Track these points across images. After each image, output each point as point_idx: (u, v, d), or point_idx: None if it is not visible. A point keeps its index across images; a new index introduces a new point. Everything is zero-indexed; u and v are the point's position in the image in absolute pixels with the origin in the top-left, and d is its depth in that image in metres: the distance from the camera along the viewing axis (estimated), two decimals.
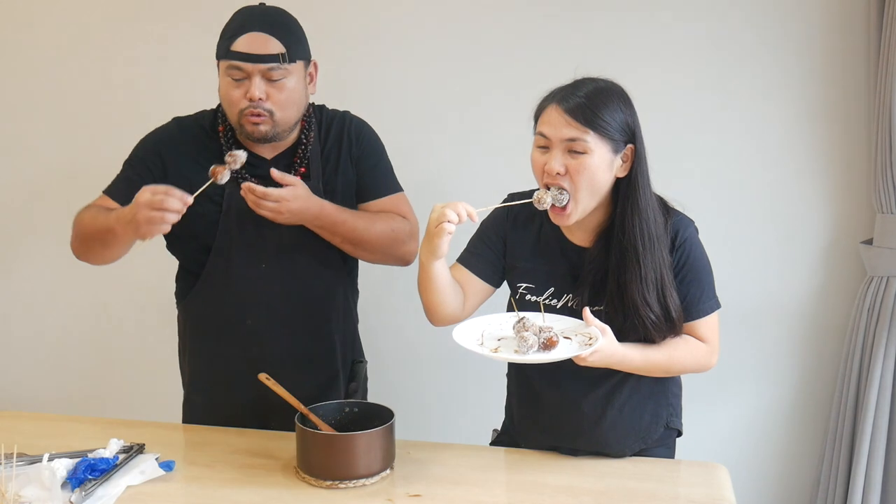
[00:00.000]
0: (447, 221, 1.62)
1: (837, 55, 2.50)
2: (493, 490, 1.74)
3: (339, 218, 1.97)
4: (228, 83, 1.91)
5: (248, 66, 1.87)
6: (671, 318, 1.73)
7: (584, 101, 1.68)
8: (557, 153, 1.69)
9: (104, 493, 1.66)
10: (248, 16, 1.92)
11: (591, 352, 1.62)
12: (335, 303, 2.10)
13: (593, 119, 1.66)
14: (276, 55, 1.88)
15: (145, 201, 1.73)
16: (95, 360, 3.05)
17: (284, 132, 1.96)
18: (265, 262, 2.00)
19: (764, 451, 2.73)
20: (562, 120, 1.68)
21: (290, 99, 1.92)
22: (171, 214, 1.73)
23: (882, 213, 2.44)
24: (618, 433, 1.83)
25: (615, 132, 1.68)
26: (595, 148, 1.67)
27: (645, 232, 1.71)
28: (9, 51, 2.93)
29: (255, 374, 1.95)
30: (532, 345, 1.63)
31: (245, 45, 1.87)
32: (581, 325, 1.70)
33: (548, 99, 1.73)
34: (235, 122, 1.94)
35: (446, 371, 2.82)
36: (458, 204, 1.64)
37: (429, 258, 1.71)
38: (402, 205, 2.12)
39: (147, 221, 1.74)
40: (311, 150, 2.02)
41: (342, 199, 2.02)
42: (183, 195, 1.74)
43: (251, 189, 1.88)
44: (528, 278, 1.84)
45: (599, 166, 1.68)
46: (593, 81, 1.73)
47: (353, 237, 2.00)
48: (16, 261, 3.05)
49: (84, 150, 2.89)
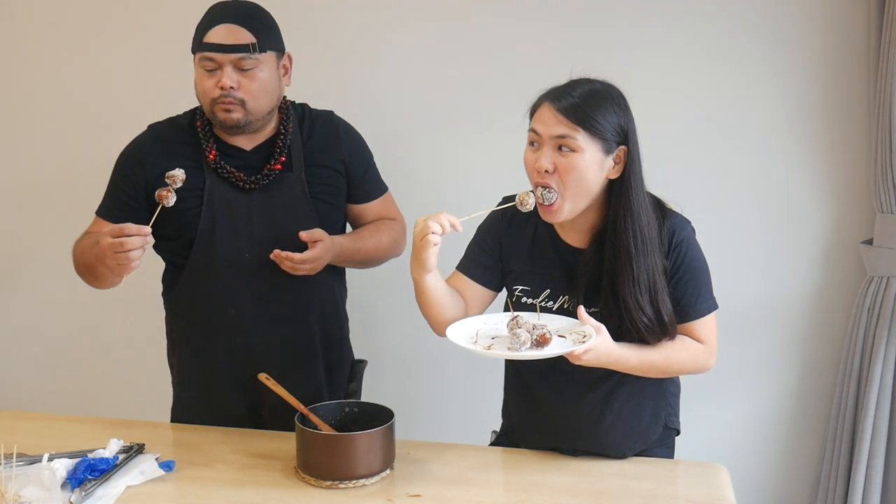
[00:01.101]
0: (431, 233, 1.63)
1: (837, 55, 2.50)
2: (492, 490, 1.74)
3: (353, 248, 2.09)
4: (201, 74, 1.97)
5: (218, 56, 1.93)
6: (663, 322, 1.72)
7: (577, 100, 1.68)
8: (547, 150, 1.69)
9: (104, 493, 1.66)
10: (221, 9, 1.99)
11: (585, 349, 1.61)
12: (320, 292, 2.12)
13: (584, 118, 1.66)
14: (247, 45, 1.93)
15: (107, 245, 1.79)
16: (95, 361, 3.05)
17: (257, 121, 2.00)
18: (248, 251, 2.03)
19: (764, 451, 2.73)
20: (553, 118, 1.68)
21: (262, 88, 1.97)
22: (134, 252, 1.78)
23: (882, 213, 2.44)
24: (617, 434, 1.83)
25: (607, 132, 1.68)
26: (585, 147, 1.67)
27: (638, 234, 1.70)
28: (9, 51, 2.93)
29: (241, 365, 2.04)
30: (525, 341, 1.62)
31: (216, 37, 1.93)
32: (576, 325, 1.70)
33: (542, 97, 1.73)
34: (209, 111, 1.99)
35: (446, 371, 2.82)
36: (441, 215, 1.64)
37: (419, 273, 1.71)
38: (391, 205, 2.25)
39: (115, 264, 1.80)
40: (291, 142, 2.06)
41: (324, 195, 2.08)
42: (140, 228, 1.79)
43: (288, 258, 1.95)
44: (523, 281, 1.84)
45: (589, 166, 1.68)
46: (589, 82, 1.73)
47: (365, 259, 2.15)
48: (15, 261, 3.05)
49: (84, 150, 2.88)
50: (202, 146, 2.03)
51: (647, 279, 1.70)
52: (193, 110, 2.11)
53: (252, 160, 2.04)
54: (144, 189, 2.02)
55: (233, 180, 2.01)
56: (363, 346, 2.37)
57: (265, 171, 2.03)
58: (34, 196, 2.98)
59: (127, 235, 1.77)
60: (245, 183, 2.01)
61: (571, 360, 1.65)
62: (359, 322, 2.37)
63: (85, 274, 2.04)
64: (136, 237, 1.78)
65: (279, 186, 2.04)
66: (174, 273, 2.10)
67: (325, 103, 2.20)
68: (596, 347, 1.63)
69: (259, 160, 2.04)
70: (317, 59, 2.63)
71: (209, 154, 2.01)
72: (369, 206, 2.20)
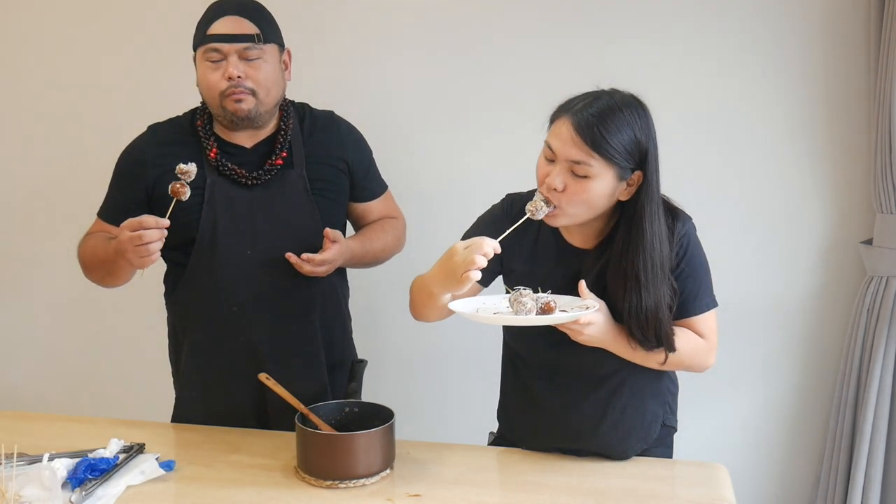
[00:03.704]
0: (476, 269, 1.54)
1: (837, 55, 2.50)
2: (493, 490, 1.74)
3: (362, 250, 2.12)
4: (206, 67, 1.97)
5: (224, 46, 1.94)
6: (661, 344, 1.69)
7: (595, 120, 1.59)
8: (560, 170, 1.63)
9: (104, 493, 1.66)
10: (222, 3, 2.01)
11: (588, 321, 1.59)
12: (323, 289, 2.12)
13: (601, 143, 1.59)
14: (252, 35, 1.96)
15: (126, 239, 1.80)
16: (95, 361, 3.05)
17: (266, 113, 2.01)
18: (250, 248, 2.03)
19: (764, 451, 2.73)
20: (569, 137, 1.61)
21: (268, 78, 1.99)
22: (153, 245, 1.80)
23: (882, 213, 2.44)
24: (620, 434, 1.82)
25: (622, 159, 1.61)
26: (599, 173, 1.61)
27: (648, 264, 1.65)
28: (8, 51, 2.93)
29: (243, 363, 2.05)
30: (531, 309, 1.60)
31: (220, 28, 1.95)
32: (577, 301, 1.68)
33: (564, 108, 1.66)
34: (217, 105, 1.99)
35: (446, 371, 2.81)
36: (483, 244, 1.55)
37: (444, 292, 1.66)
38: (392, 203, 2.29)
39: (136, 257, 1.81)
40: (292, 139, 2.07)
41: (326, 192, 2.08)
42: (157, 221, 1.80)
43: (309, 260, 1.97)
44: (525, 281, 1.78)
45: (602, 193, 1.64)
46: (610, 97, 1.64)
47: (371, 261, 2.19)
48: (15, 261, 3.05)
49: (84, 150, 2.88)
50: (203, 145, 2.03)
51: (652, 309, 1.66)
52: (194, 110, 2.11)
53: (253, 157, 2.05)
54: (145, 189, 2.03)
55: (234, 177, 2.01)
56: (364, 346, 2.37)
57: (267, 167, 2.03)
58: (34, 196, 2.98)
59: (145, 228, 1.79)
60: (246, 179, 2.02)
61: (573, 336, 1.64)
62: (359, 322, 2.36)
63: (97, 271, 2.03)
64: (154, 230, 1.79)
65: (280, 183, 2.04)
66: (176, 273, 2.09)
67: (325, 103, 2.20)
68: (597, 321, 1.62)
69: (260, 157, 2.05)
70: (316, 60, 2.63)
71: (210, 152, 2.02)
72: (372, 205, 2.22)
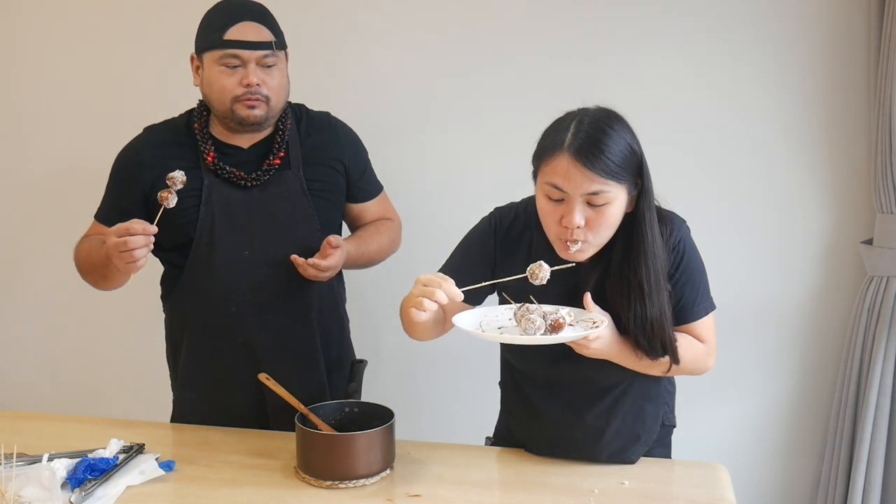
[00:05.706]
0: (422, 312, 1.54)
1: (837, 55, 2.50)
2: (493, 490, 1.74)
3: (357, 252, 2.11)
4: (221, 72, 1.97)
5: (245, 53, 1.95)
6: (666, 353, 1.68)
7: (594, 146, 1.57)
8: (578, 206, 1.59)
9: (104, 493, 1.66)
10: (236, 7, 2.01)
11: (597, 336, 1.58)
12: (320, 290, 2.12)
13: (610, 166, 1.57)
14: (270, 42, 1.98)
15: (112, 245, 1.81)
16: (95, 361, 3.05)
17: (273, 118, 2.04)
18: (248, 248, 2.03)
19: (764, 451, 2.73)
20: (580, 175, 1.57)
21: (281, 84, 2.02)
22: (138, 251, 1.80)
23: (882, 213, 2.44)
24: (623, 441, 1.81)
25: (628, 173, 1.60)
26: (616, 196, 1.60)
27: (651, 271, 1.64)
28: (8, 50, 2.93)
29: (241, 364, 2.05)
30: (539, 327, 1.58)
31: (240, 34, 1.95)
32: (581, 313, 1.66)
33: (550, 145, 1.61)
34: (227, 108, 1.99)
35: (446, 372, 2.82)
36: (436, 293, 1.53)
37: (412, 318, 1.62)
38: (387, 204, 2.30)
39: (122, 263, 1.82)
40: (289, 139, 2.07)
41: (323, 193, 2.09)
42: (145, 227, 1.81)
43: (314, 265, 1.97)
44: (519, 297, 1.73)
45: (619, 212, 1.63)
46: (589, 117, 1.62)
47: (367, 263, 2.19)
48: (15, 261, 3.06)
49: (83, 151, 2.89)
50: (199, 147, 2.03)
51: (657, 317, 1.65)
52: (190, 111, 2.11)
53: (250, 158, 2.05)
54: (142, 191, 2.03)
55: (232, 178, 2.02)
56: (363, 346, 2.37)
57: (264, 167, 2.03)
58: (34, 197, 2.98)
59: (132, 234, 1.79)
60: (244, 180, 2.02)
61: (578, 350, 1.63)
62: (359, 322, 2.37)
63: (91, 275, 2.04)
64: (140, 237, 1.79)
65: (278, 184, 2.04)
66: (173, 275, 2.09)
67: (321, 104, 2.21)
68: (604, 335, 1.62)
69: (257, 158, 2.05)
70: (312, 61, 2.63)
71: (207, 156, 2.02)
72: (368, 206, 2.22)
